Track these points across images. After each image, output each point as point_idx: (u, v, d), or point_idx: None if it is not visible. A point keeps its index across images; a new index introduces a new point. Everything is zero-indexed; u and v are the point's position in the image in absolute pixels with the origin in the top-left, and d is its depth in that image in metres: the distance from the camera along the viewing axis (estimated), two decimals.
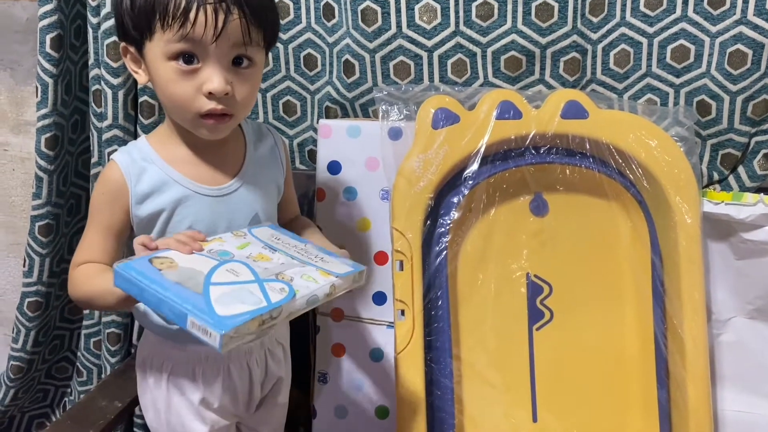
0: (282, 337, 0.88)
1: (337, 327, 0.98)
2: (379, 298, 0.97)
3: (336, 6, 1.01)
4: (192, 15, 0.67)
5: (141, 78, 0.75)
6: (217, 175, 0.78)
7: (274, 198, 0.84)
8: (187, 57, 0.69)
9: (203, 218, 0.76)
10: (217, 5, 0.67)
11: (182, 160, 0.77)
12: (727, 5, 0.94)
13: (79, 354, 1.26)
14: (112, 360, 1.18)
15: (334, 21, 1.02)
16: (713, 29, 0.95)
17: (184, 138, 0.78)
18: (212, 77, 0.69)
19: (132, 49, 0.74)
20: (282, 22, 1.05)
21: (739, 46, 0.94)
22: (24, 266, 1.17)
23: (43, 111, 1.08)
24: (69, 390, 1.31)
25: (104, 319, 1.17)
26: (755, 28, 0.93)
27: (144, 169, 0.76)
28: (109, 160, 0.78)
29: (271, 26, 0.74)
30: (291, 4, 1.04)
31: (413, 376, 0.84)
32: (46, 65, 1.06)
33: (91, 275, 0.74)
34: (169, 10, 0.67)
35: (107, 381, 1.06)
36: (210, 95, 0.70)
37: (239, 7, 0.69)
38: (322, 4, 1.02)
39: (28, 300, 1.17)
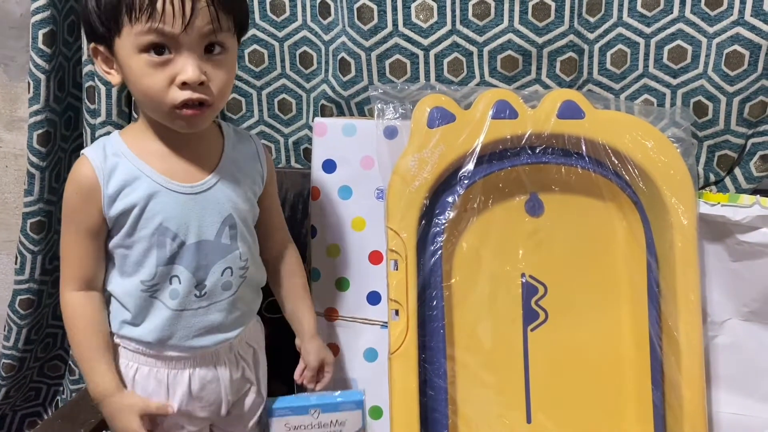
0: (253, 340, 0.86)
1: (330, 327, 0.97)
2: (374, 298, 0.96)
3: (332, 4, 1.00)
4: (159, 5, 0.66)
5: (114, 78, 0.74)
6: (191, 172, 0.76)
7: (251, 202, 0.81)
8: (158, 48, 0.68)
9: (174, 215, 0.74)
10: None
11: (154, 155, 0.76)
12: (725, 6, 0.93)
13: (71, 352, 1.26)
14: None
15: (330, 19, 1.02)
16: (710, 30, 0.95)
17: (158, 133, 0.76)
18: (185, 67, 0.68)
19: (102, 48, 0.73)
20: (277, 19, 1.05)
21: (736, 47, 0.94)
22: (16, 263, 1.16)
23: (35, 107, 1.07)
24: (61, 388, 1.30)
25: None
26: (752, 29, 0.93)
27: (116, 164, 0.74)
28: (81, 153, 0.76)
29: (240, 10, 0.74)
30: (287, 2, 1.04)
31: (407, 377, 0.84)
32: (39, 61, 1.05)
33: (88, 335, 0.77)
34: (136, 2, 0.67)
35: None
36: (184, 85, 0.69)
37: None
38: (318, 1, 1.02)
39: (20, 298, 1.16)
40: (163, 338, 0.77)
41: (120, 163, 0.74)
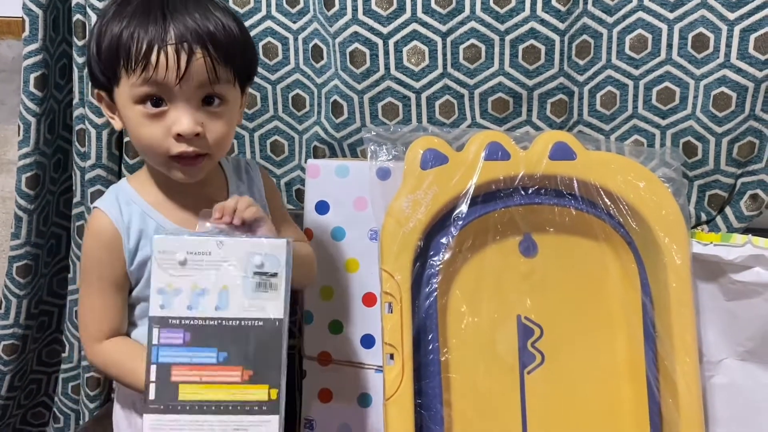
0: None
1: (323, 371, 0.96)
2: (368, 342, 0.95)
3: (324, 47, 1.01)
4: (153, 58, 0.66)
5: (116, 124, 0.74)
6: None
7: None
8: (155, 100, 0.68)
9: None
10: (179, 46, 0.66)
11: (163, 204, 0.75)
12: (711, 49, 0.95)
13: (56, 399, 1.23)
14: (91, 405, 1.14)
15: (322, 62, 1.02)
16: (697, 72, 0.97)
17: (162, 181, 0.76)
18: (180, 119, 0.68)
19: (104, 95, 0.73)
20: (270, 62, 1.05)
21: (723, 88, 0.95)
22: (0, 308, 1.13)
23: (25, 150, 1.07)
24: None
25: (83, 363, 1.14)
26: (738, 71, 0.94)
27: (130, 214, 0.74)
28: (93, 207, 0.76)
29: (241, 61, 0.72)
30: (279, 45, 1.04)
31: (403, 423, 0.82)
32: (29, 104, 1.05)
33: (126, 360, 0.73)
34: (131, 54, 0.66)
35: (85, 427, 1.02)
36: (179, 137, 0.68)
37: (202, 47, 0.67)
38: (311, 45, 1.03)
39: (3, 343, 1.13)
40: None
41: (134, 212, 0.74)
